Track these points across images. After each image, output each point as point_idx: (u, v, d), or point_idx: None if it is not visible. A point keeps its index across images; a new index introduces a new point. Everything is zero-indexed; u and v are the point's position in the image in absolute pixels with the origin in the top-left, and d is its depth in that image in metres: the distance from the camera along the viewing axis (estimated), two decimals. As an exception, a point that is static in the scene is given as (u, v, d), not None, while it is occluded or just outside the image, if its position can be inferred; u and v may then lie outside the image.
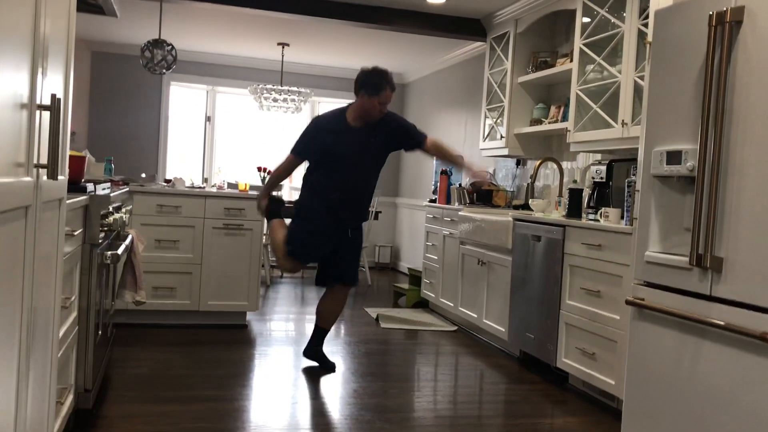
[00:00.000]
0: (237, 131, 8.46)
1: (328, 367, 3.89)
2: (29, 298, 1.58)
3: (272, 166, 7.75)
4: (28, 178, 1.46)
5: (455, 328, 5.20)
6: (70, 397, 2.52)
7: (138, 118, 8.03)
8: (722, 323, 2.29)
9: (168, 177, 7.81)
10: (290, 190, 8.11)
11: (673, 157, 2.58)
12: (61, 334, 2.21)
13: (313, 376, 3.73)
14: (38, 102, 1.51)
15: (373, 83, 3.70)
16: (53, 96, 1.52)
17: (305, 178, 3.92)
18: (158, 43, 5.48)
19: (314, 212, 3.80)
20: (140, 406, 3.04)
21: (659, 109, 2.71)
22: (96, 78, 7.87)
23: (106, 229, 2.76)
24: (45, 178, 1.61)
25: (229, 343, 4.32)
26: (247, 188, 5.17)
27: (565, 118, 4.72)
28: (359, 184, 3.83)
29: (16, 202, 1.37)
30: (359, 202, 3.88)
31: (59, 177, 1.84)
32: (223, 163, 8.29)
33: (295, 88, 7.17)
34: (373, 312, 5.58)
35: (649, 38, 2.86)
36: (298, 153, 3.85)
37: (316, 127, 3.86)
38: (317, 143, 3.78)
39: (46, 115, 1.58)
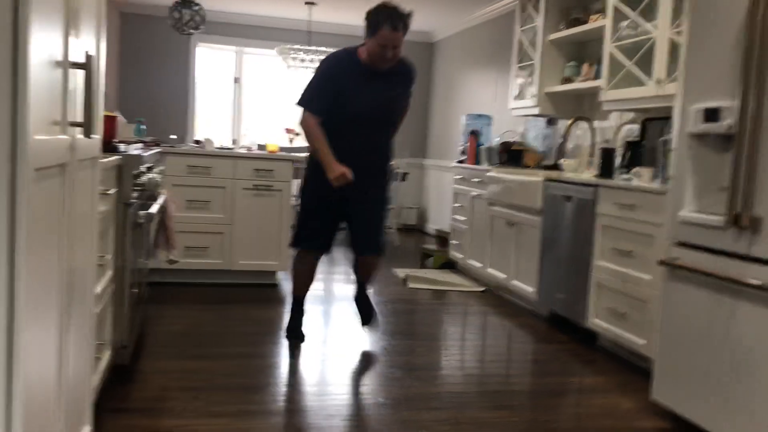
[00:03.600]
0: (265, 93, 8.45)
1: (366, 313, 3.72)
2: (67, 256, 1.61)
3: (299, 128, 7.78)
4: (63, 136, 1.48)
5: (483, 288, 5.21)
6: (108, 353, 2.58)
7: (167, 80, 8.05)
8: (759, 283, 2.26)
9: (197, 137, 7.86)
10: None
11: (711, 115, 2.52)
12: (97, 291, 2.26)
13: (342, 335, 3.78)
14: (72, 60, 1.51)
15: (371, 22, 3.21)
16: (87, 54, 1.52)
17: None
18: (186, 3, 5.46)
19: (321, 182, 3.33)
20: (174, 362, 3.11)
21: (697, 66, 2.64)
22: (125, 39, 7.89)
23: (139, 189, 2.79)
24: (80, 136, 1.63)
25: (260, 302, 4.38)
26: (277, 149, 5.18)
27: (597, 76, 4.63)
28: (370, 140, 3.38)
29: (53, 159, 1.38)
30: (371, 160, 3.41)
31: (93, 136, 1.86)
32: (251, 125, 8.30)
33: (322, 48, 7.12)
34: (401, 273, 5.60)
35: (688, -8, 2.77)
36: (312, 107, 3.29)
37: (329, 70, 3.30)
38: (330, 87, 3.27)
39: (81, 74, 1.59)
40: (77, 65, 1.54)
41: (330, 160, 3.27)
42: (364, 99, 3.27)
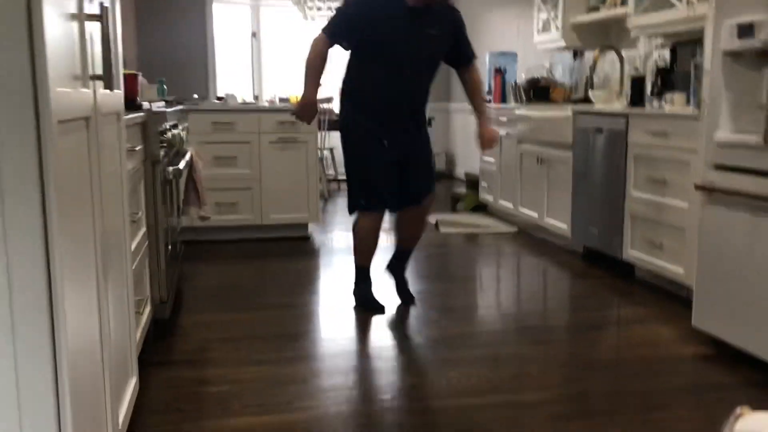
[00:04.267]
0: (284, 46, 8.36)
1: (404, 296, 3.39)
2: (100, 214, 1.62)
3: (322, 80, 7.71)
4: (85, 90, 1.47)
5: (516, 229, 5.18)
6: (148, 309, 2.63)
7: (185, 38, 8.00)
8: (801, 201, 2.20)
9: (219, 95, 7.84)
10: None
11: (746, 30, 2.42)
12: (132, 248, 2.28)
13: (376, 280, 3.79)
14: (87, 12, 1.49)
15: None
16: (101, 5, 1.50)
17: (344, 88, 3.21)
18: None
19: (364, 134, 3.12)
20: (213, 315, 3.15)
21: (729, -20, 2.53)
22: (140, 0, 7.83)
23: (165, 145, 2.79)
24: (102, 90, 1.62)
25: (294, 255, 4.41)
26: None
27: (624, 2, 4.47)
28: (411, 87, 3.12)
29: (77, 112, 1.37)
30: (413, 109, 3.19)
31: (115, 90, 1.85)
32: (272, 79, 8.24)
33: (338, -4, 6.99)
34: (432, 218, 5.58)
35: None
36: (332, 34, 3.02)
37: (367, 4, 3.03)
38: (363, 28, 3.00)
39: (97, 26, 1.57)
40: (92, 17, 1.51)
41: (310, 90, 3.09)
42: (405, 39, 3.01)
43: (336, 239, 4.93)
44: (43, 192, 1.18)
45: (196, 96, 5.86)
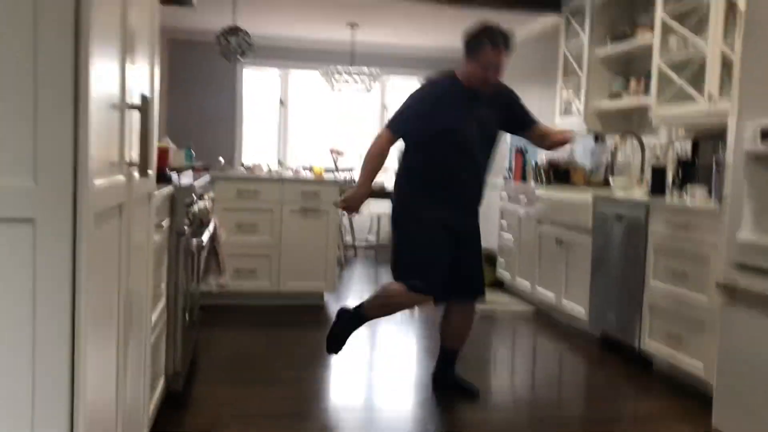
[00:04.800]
0: (310, 114, 8.54)
1: (468, 391, 3.16)
2: (125, 289, 1.65)
3: (344, 147, 7.83)
4: (121, 177, 1.52)
5: (532, 308, 5.14)
6: (162, 380, 2.62)
7: (214, 103, 8.20)
8: (824, 309, 2.18)
9: (244, 160, 7.97)
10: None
11: (769, 134, 2.44)
12: (153, 320, 2.30)
13: (389, 358, 3.76)
14: (129, 102, 1.55)
15: (471, 43, 3.01)
16: (143, 96, 1.56)
17: (402, 170, 3.15)
18: (233, 31, 5.58)
19: (423, 216, 3.03)
20: (227, 387, 3.13)
21: (753, 82, 2.58)
22: (173, 65, 8.08)
23: (190, 218, 2.84)
24: (136, 174, 1.67)
25: (308, 324, 4.40)
26: (322, 173, 5.22)
27: (646, 92, 4.54)
28: (475, 171, 3.09)
29: (112, 201, 1.42)
30: (474, 194, 3.12)
31: (149, 172, 1.90)
32: (297, 146, 8.39)
33: (365, 68, 7.17)
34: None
35: (741, 8, 2.71)
36: (398, 130, 3.04)
37: (431, 96, 3.06)
38: (428, 118, 3.01)
39: (136, 114, 1.63)
40: (134, 106, 1.57)
41: (366, 184, 3.08)
42: (466, 120, 3.03)
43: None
44: (73, 272, 1.21)
45: (221, 159, 5.97)
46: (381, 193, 7.55)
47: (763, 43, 2.53)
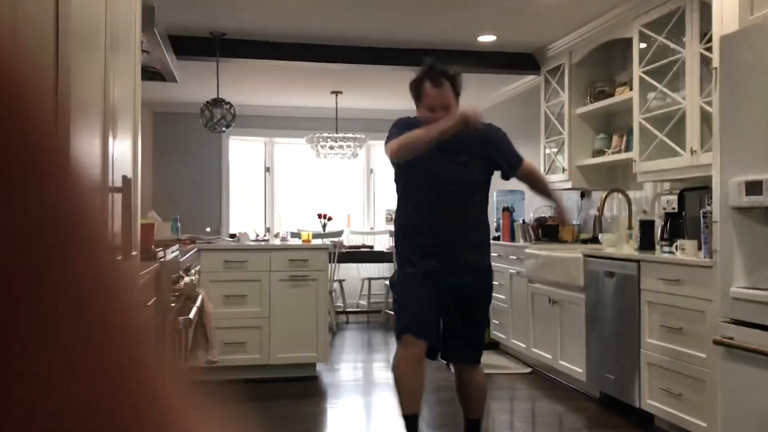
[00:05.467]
0: (296, 180, 8.57)
1: None
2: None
3: (331, 213, 7.82)
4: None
5: (529, 369, 5.05)
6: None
7: (200, 172, 8.22)
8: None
9: (231, 229, 7.94)
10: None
11: (754, 188, 2.46)
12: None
13: (386, 427, 3.66)
14: (110, 185, 1.53)
15: (413, 88, 3.00)
16: (124, 177, 1.54)
17: (395, 220, 3.14)
18: (217, 103, 5.62)
19: (407, 269, 2.98)
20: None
21: (732, 138, 2.60)
22: (157, 137, 8.12)
23: (177, 293, 2.78)
24: (119, 258, 1.63)
25: (301, 396, 4.29)
26: (310, 238, 5.19)
27: (629, 148, 4.59)
28: (454, 217, 2.94)
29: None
30: (456, 241, 2.95)
31: (133, 253, 1.87)
32: (284, 212, 8.38)
33: (350, 135, 7.23)
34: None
35: (715, 63, 2.76)
36: (393, 136, 2.97)
37: (407, 123, 2.99)
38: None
39: (118, 197, 1.60)
40: (115, 189, 1.55)
41: (437, 125, 2.81)
42: (437, 166, 2.91)
43: (344, 378, 4.82)
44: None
45: (208, 230, 5.93)
46: (369, 256, 7.52)
47: (739, 100, 2.56)
